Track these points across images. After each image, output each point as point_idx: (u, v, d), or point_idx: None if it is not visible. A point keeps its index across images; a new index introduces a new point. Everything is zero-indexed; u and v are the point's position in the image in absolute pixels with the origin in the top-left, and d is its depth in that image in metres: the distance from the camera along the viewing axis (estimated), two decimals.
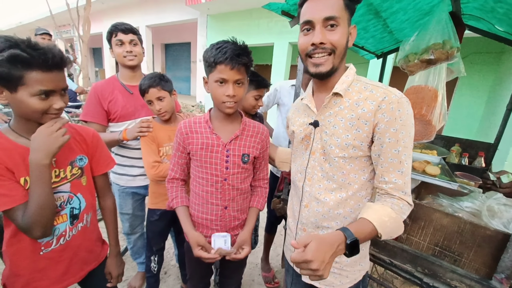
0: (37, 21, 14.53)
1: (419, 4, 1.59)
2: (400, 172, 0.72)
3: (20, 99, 0.69)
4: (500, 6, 1.46)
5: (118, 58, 1.41)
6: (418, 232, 1.09)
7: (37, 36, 3.58)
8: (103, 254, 1.07)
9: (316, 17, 0.70)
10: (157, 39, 11.71)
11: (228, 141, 0.97)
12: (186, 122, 0.99)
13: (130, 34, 1.39)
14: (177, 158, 1.04)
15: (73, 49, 9.89)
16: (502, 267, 0.87)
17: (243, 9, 6.57)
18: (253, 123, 1.05)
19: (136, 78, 1.47)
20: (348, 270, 0.88)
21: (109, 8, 10.49)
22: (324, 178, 0.83)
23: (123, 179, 1.54)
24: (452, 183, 1.05)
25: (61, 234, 0.87)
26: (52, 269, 0.87)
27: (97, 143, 0.99)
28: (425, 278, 1.02)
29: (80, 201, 0.92)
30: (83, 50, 6.48)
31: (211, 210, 1.01)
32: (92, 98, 1.38)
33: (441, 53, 1.20)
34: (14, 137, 0.76)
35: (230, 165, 0.98)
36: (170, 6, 8.34)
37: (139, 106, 1.45)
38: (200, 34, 7.89)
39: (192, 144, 0.97)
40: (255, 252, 2.29)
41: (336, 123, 0.78)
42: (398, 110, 0.70)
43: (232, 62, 0.83)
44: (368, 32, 1.85)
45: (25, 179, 0.75)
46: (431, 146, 2.17)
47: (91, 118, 1.39)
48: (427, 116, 1.35)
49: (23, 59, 0.66)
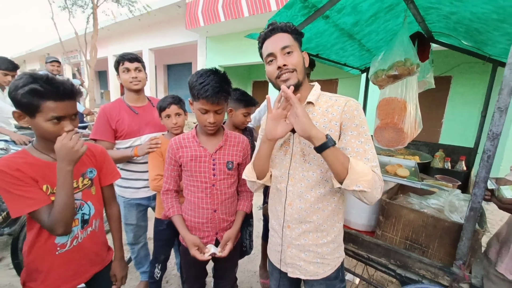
0: (46, 48, 15.31)
1: (388, 26, 1.80)
2: (367, 159, 0.83)
3: (38, 123, 0.86)
4: (460, 26, 1.66)
5: (125, 83, 1.60)
6: (391, 228, 1.21)
7: (47, 64, 3.87)
8: (108, 259, 1.19)
9: (275, 49, 0.88)
10: (160, 61, 12.24)
11: (213, 151, 1.13)
12: (176, 138, 1.16)
13: (135, 62, 1.58)
14: (170, 171, 1.19)
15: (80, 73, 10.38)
16: (459, 254, 0.98)
17: (240, 31, 6.97)
18: (234, 134, 1.21)
19: (140, 100, 1.67)
20: (329, 258, 0.98)
21: (114, 34, 11.10)
22: (304, 177, 0.94)
23: (128, 191, 1.69)
24: (416, 182, 1.18)
25: (74, 236, 1.01)
26: (65, 268, 1.00)
27: (104, 158, 1.15)
28: (398, 270, 1.13)
29: (90, 208, 1.07)
30: (90, 74, 6.83)
31: (202, 214, 1.15)
32: (102, 119, 1.56)
33: (403, 69, 1.37)
34: (37, 154, 0.93)
35: (216, 172, 1.13)
36: (172, 30, 8.84)
37: (143, 125, 1.63)
38: (200, 55, 8.29)
39: (182, 157, 1.12)
40: (253, 260, 2.38)
41: None
42: (356, 111, 0.87)
43: (212, 98, 0.99)
44: (347, 51, 2.05)
45: (47, 186, 0.91)
46: (416, 152, 2.31)
47: (100, 136, 1.55)
48: (398, 124, 1.50)
49: (39, 92, 0.83)
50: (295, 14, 1.26)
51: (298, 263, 0.99)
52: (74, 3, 7.96)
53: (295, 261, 0.99)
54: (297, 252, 0.98)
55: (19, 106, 0.84)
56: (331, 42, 1.75)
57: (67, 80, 0.90)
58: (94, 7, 7.34)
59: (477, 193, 0.92)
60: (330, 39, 1.68)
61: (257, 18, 5.88)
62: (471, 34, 1.70)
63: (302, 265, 0.98)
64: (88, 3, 7.86)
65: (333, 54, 2.02)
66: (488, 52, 1.86)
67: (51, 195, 0.92)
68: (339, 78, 7.28)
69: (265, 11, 5.58)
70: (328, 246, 0.97)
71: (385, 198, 1.21)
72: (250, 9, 5.83)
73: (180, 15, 7.97)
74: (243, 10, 5.95)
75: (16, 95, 0.82)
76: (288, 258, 1.00)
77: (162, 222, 1.54)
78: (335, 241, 0.98)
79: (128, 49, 10.61)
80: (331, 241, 0.97)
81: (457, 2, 1.29)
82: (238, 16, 6.06)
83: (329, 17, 1.40)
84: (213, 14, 6.54)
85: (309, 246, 0.97)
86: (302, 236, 0.97)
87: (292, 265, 1.00)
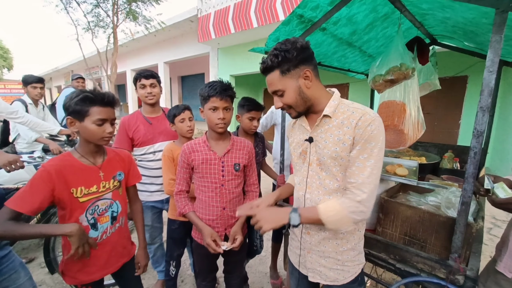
0: (71, 65, 16.45)
1: (387, 32, 1.88)
2: (364, 175, 0.85)
3: (85, 126, 1.03)
4: (457, 29, 1.71)
5: (141, 98, 1.80)
6: (390, 224, 1.26)
7: (73, 81, 4.22)
8: (133, 252, 1.34)
9: (270, 91, 0.95)
10: (174, 72, 12.79)
11: (222, 154, 1.25)
12: (188, 144, 1.29)
13: (150, 79, 1.77)
14: (182, 173, 1.32)
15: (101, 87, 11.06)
16: (454, 247, 1.02)
17: (249, 41, 7.21)
18: (240, 139, 1.34)
19: (155, 111, 1.86)
20: (349, 265, 0.99)
21: (132, 49, 11.78)
22: (321, 185, 0.96)
23: (143, 194, 1.85)
24: (412, 180, 1.24)
25: (104, 231, 1.16)
26: (97, 258, 1.14)
27: (131, 162, 1.31)
28: (397, 264, 1.18)
29: (118, 206, 1.21)
30: (110, 89, 7.29)
31: (212, 211, 1.27)
32: (121, 129, 1.77)
33: (399, 74, 1.44)
34: (78, 156, 1.09)
35: (225, 173, 1.25)
36: (185, 44, 9.29)
37: (157, 134, 1.81)
38: (212, 66, 8.62)
39: (194, 160, 1.25)
40: (264, 262, 2.45)
41: (326, 138, 0.92)
42: (370, 126, 0.84)
43: (221, 94, 1.16)
44: (348, 58, 2.13)
45: (81, 188, 1.05)
46: (424, 153, 2.32)
47: (119, 145, 1.76)
48: (399, 126, 1.56)
49: (90, 98, 1.01)
50: (293, 29, 1.38)
51: (318, 269, 1.01)
52: (97, 25, 8.60)
53: (315, 267, 1.02)
54: (317, 258, 1.01)
55: (71, 113, 1.02)
56: (331, 50, 1.85)
57: (108, 92, 1.08)
58: (114, 27, 7.89)
59: (467, 188, 0.97)
60: (330, 48, 1.79)
61: (266, 28, 6.08)
62: (469, 36, 1.74)
63: (322, 270, 1.01)
64: (109, 24, 8.46)
65: (335, 62, 2.12)
66: None
67: (84, 196, 1.07)
68: (349, 82, 7.28)
69: (273, 21, 5.77)
70: (348, 253, 0.98)
71: (384, 196, 1.28)
72: (259, 20, 6.05)
73: (193, 29, 8.38)
74: (252, 22, 6.19)
75: (71, 103, 1.00)
76: (308, 263, 1.04)
77: (174, 222, 1.69)
78: (355, 248, 0.99)
79: (144, 63, 11.28)
80: (351, 249, 0.98)
81: (447, 8, 1.36)
82: (247, 28, 6.30)
83: (326, 29, 1.51)
84: (224, 27, 6.84)
85: (329, 253, 0.99)
86: (322, 243, 0.99)
87: (313, 270, 1.03)
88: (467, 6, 1.14)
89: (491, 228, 3.20)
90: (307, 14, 1.34)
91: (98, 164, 1.12)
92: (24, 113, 2.39)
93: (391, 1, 1.39)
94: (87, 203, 1.08)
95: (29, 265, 2.35)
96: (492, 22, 1.27)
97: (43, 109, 2.93)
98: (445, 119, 5.84)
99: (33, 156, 2.01)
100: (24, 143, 2.61)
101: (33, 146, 2.68)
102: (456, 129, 5.74)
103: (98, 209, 1.12)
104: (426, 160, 2.08)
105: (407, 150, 2.16)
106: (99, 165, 1.12)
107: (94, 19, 8.62)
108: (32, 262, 2.40)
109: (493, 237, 2.99)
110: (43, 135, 2.78)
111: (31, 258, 2.45)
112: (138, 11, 8.34)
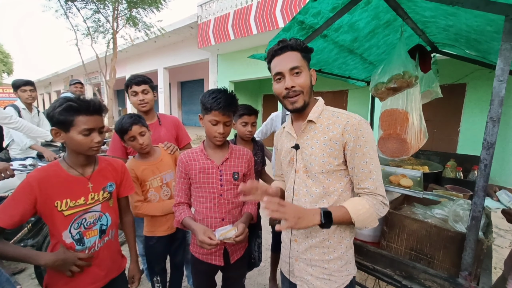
0: (70, 70, 16.48)
1: (389, 40, 1.86)
2: (372, 179, 0.87)
3: (71, 136, 0.97)
4: (460, 37, 1.69)
5: (134, 105, 1.74)
6: (396, 238, 1.21)
7: (71, 86, 4.18)
8: (123, 266, 1.27)
9: (284, 69, 0.89)
10: (174, 78, 12.81)
11: (220, 163, 1.20)
12: (185, 153, 1.24)
13: (142, 85, 1.68)
14: (180, 184, 1.26)
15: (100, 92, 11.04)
16: (464, 264, 0.97)
17: (249, 48, 7.24)
18: (238, 147, 1.29)
19: (149, 118, 1.79)
20: (336, 275, 0.96)
21: (131, 55, 11.82)
22: (308, 193, 0.96)
23: None
24: (418, 192, 1.19)
25: (91, 245, 1.09)
26: (85, 273, 1.07)
27: (124, 172, 1.24)
28: (403, 281, 1.12)
29: (108, 219, 1.15)
30: (109, 93, 7.27)
31: (211, 223, 1.20)
32: (115, 136, 1.70)
33: (402, 82, 1.41)
34: (66, 167, 1.03)
35: (223, 182, 1.19)
36: (184, 49, 9.33)
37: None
38: (212, 72, 8.63)
39: (191, 170, 1.20)
40: (263, 273, 2.37)
41: (313, 144, 0.93)
42: (360, 130, 0.86)
43: (224, 110, 1.10)
44: (349, 65, 2.11)
45: (66, 201, 0.99)
46: (426, 162, 2.28)
47: (113, 152, 1.72)
48: (401, 134, 1.52)
49: (74, 107, 0.95)
50: (294, 35, 1.35)
51: (306, 277, 0.99)
52: (96, 30, 8.63)
53: (303, 275, 1.00)
54: (305, 266, 0.99)
55: (56, 124, 0.96)
56: (332, 57, 1.83)
57: (95, 98, 1.03)
58: (114, 33, 7.92)
59: (477, 202, 0.93)
60: (330, 55, 1.76)
61: (265, 35, 6.11)
62: (472, 44, 1.72)
63: (309, 279, 0.99)
64: (108, 30, 8.50)
65: (336, 69, 2.09)
66: (493, 60, 1.86)
67: (69, 209, 1.00)
68: (349, 89, 7.30)
69: (272, 28, 5.80)
70: (335, 263, 0.96)
71: (389, 208, 1.22)
72: (259, 27, 6.08)
73: (193, 36, 8.43)
74: (252, 28, 6.22)
75: (54, 113, 0.94)
76: (296, 271, 1.02)
77: (152, 238, 1.54)
78: (342, 258, 0.97)
79: (144, 68, 11.29)
80: (338, 258, 0.96)
81: (451, 16, 1.34)
82: (247, 34, 6.33)
83: (327, 36, 1.48)
84: (224, 33, 6.87)
85: (316, 261, 0.97)
86: (308, 251, 0.98)
87: (301, 279, 1.01)
88: (473, 13, 1.12)
89: (494, 238, 3.14)
90: (308, 21, 1.31)
91: (87, 175, 1.06)
92: (18, 118, 2.34)
93: (393, 9, 1.36)
94: (71, 216, 1.01)
95: (19, 276, 2.26)
96: (497, 29, 1.26)
97: (38, 114, 2.88)
98: (445, 126, 5.83)
99: (24, 163, 1.95)
100: (18, 149, 2.55)
101: (27, 152, 2.62)
102: (455, 136, 5.72)
103: (86, 222, 1.05)
104: (428, 169, 2.03)
105: (409, 159, 2.12)
106: (88, 176, 1.06)
107: (94, 25, 8.66)
108: (22, 273, 2.31)
109: (496, 247, 2.93)
110: (38, 141, 2.72)
111: (21, 268, 2.35)
112: (139, 17, 8.38)
